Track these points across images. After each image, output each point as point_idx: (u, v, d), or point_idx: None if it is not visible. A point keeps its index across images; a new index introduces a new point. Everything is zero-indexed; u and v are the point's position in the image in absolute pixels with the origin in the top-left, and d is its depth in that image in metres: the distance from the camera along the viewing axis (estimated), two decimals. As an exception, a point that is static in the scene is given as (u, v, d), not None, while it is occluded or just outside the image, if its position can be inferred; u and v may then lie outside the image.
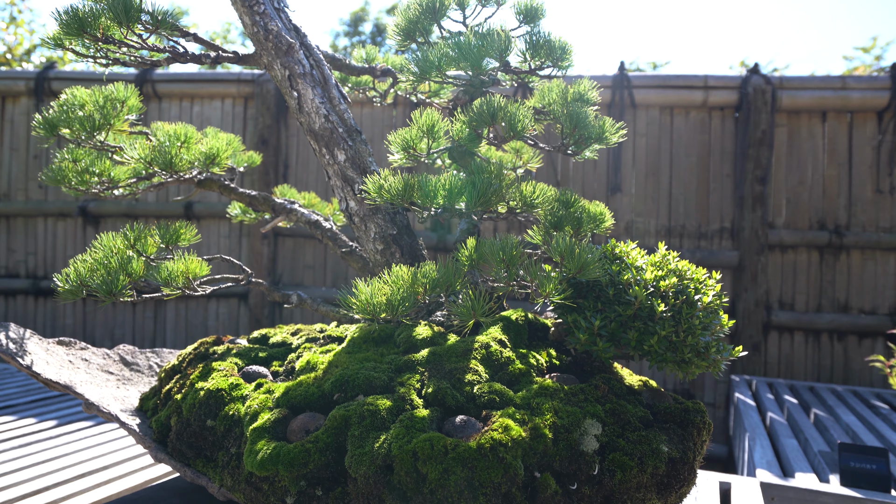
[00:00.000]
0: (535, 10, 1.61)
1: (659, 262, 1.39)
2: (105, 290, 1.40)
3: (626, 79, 4.67)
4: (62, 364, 1.70)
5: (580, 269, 1.24)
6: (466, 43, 1.41)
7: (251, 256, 5.01)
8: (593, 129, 1.52)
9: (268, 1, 1.65)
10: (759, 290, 4.51)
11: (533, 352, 1.36)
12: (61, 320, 5.30)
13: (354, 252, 1.84)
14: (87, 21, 1.34)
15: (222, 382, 1.35)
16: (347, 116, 1.66)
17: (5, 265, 5.37)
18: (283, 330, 1.76)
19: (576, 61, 1.68)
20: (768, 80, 4.52)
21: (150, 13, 1.38)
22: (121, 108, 1.76)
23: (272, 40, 1.62)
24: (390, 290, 1.21)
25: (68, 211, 5.20)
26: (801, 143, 4.60)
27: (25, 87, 5.24)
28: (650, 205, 4.72)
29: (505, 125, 1.40)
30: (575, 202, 1.54)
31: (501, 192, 1.31)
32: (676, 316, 1.28)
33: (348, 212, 1.63)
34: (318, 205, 2.33)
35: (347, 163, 1.62)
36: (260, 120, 4.95)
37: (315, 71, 1.65)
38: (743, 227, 4.54)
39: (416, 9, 1.52)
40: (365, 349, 1.38)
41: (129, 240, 1.54)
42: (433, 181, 1.30)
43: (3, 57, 10.29)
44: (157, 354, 1.95)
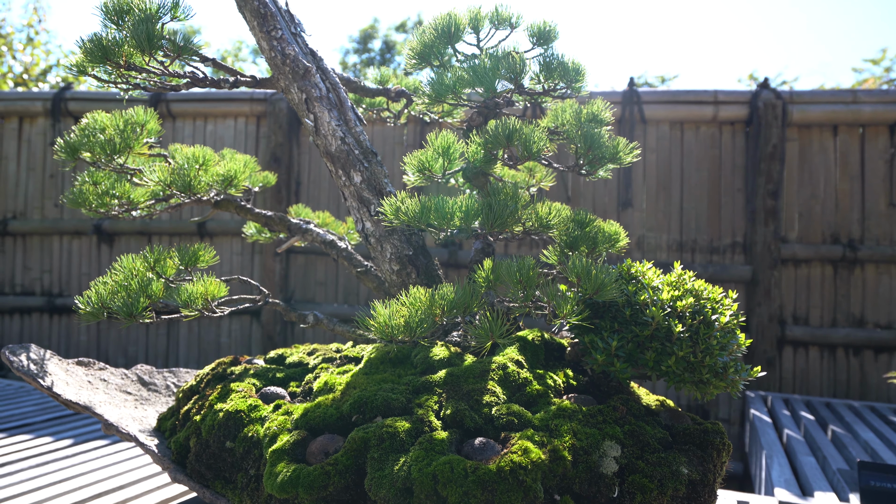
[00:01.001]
0: (548, 32, 1.63)
1: (675, 281, 1.40)
2: (126, 312, 1.42)
3: (636, 94, 4.69)
4: (81, 384, 1.72)
5: (597, 290, 1.24)
6: (481, 66, 1.43)
7: (263, 273, 5.04)
8: (607, 150, 1.54)
9: (285, 26, 1.69)
10: (773, 304, 4.48)
11: (550, 372, 1.36)
12: (75, 337, 5.35)
13: (370, 272, 1.85)
14: (110, 49, 1.37)
15: (241, 404, 1.36)
16: (363, 138, 1.68)
17: (21, 283, 5.43)
18: (299, 350, 1.77)
19: (586, 78, 1.69)
20: (778, 94, 4.52)
21: (172, 40, 1.41)
22: (140, 132, 1.79)
23: (289, 65, 1.65)
24: (408, 312, 1.22)
25: (83, 229, 5.27)
26: (812, 157, 4.58)
27: (42, 108, 5.33)
28: (661, 220, 4.72)
29: (520, 147, 1.41)
30: (590, 222, 1.54)
31: (517, 213, 1.32)
32: (694, 336, 1.28)
33: (364, 232, 1.65)
34: (333, 224, 2.35)
35: (363, 184, 1.64)
36: (272, 138, 5.01)
37: (331, 94, 1.68)
38: (755, 242, 4.52)
39: (432, 33, 1.55)
40: (382, 370, 1.39)
41: (148, 262, 1.56)
42: (450, 203, 1.31)
43: (19, 77, 10.48)
44: (174, 374, 1.97)
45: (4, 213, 5.44)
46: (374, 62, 20.45)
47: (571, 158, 1.61)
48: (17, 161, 5.46)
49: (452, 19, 1.51)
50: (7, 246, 5.45)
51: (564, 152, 4.24)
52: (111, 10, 1.48)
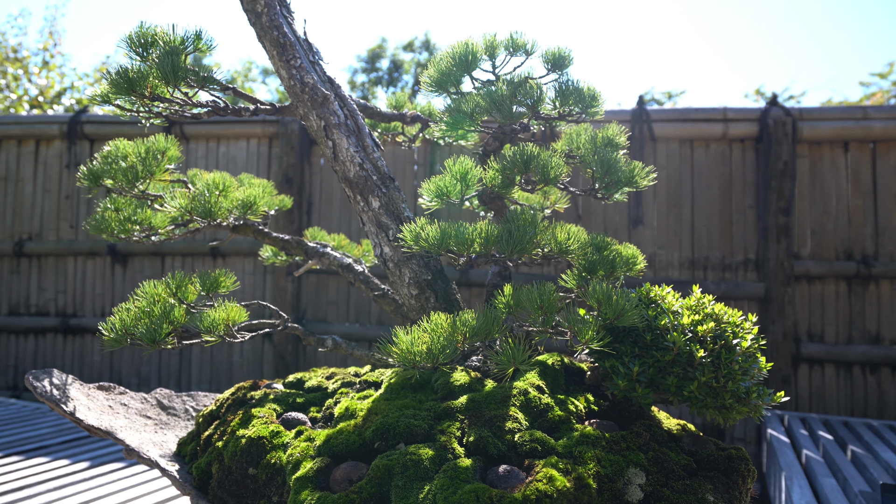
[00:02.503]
0: (562, 58, 1.66)
1: (695, 305, 1.40)
2: (149, 338, 1.44)
3: (646, 113, 4.71)
4: (102, 409, 1.73)
5: (618, 316, 1.25)
6: (499, 93, 1.45)
7: (275, 293, 5.06)
8: (623, 174, 1.55)
9: (303, 55, 1.72)
10: (787, 321, 4.44)
11: (571, 397, 1.36)
12: (89, 357, 5.37)
13: (387, 295, 1.86)
14: (136, 81, 1.40)
15: (263, 430, 1.36)
16: (381, 164, 1.70)
17: (36, 303, 5.48)
18: (317, 373, 1.78)
19: (601, 104, 1.70)
20: (788, 111, 4.53)
21: (196, 72, 1.44)
22: (161, 159, 1.82)
23: (308, 93, 1.67)
24: (430, 339, 1.23)
25: (98, 250, 5.32)
26: (823, 173, 4.58)
27: (59, 131, 5.42)
28: (672, 237, 4.71)
29: (538, 172, 1.42)
30: (607, 245, 1.55)
31: (536, 238, 1.33)
32: (716, 361, 1.28)
33: (383, 257, 1.66)
34: (348, 246, 2.37)
35: (381, 209, 1.65)
36: (284, 159, 5.06)
37: (349, 121, 1.70)
38: (768, 259, 4.50)
39: (449, 61, 1.57)
40: (403, 396, 1.39)
41: (170, 288, 1.58)
42: (469, 230, 1.32)
43: (35, 100, 10.66)
44: (193, 398, 1.98)
45: (20, 234, 5.51)
46: (382, 81, 20.64)
47: (586, 181, 1.62)
48: (33, 183, 5.54)
49: (469, 48, 1.54)
50: (23, 267, 5.51)
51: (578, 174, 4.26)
52: (136, 42, 1.52)
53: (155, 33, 1.51)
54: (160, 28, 1.52)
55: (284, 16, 1.73)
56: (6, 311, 5.51)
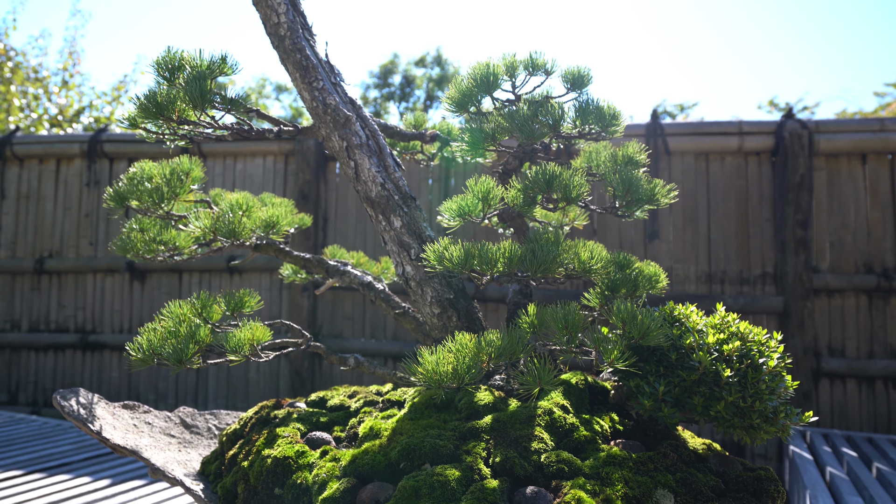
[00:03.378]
0: (582, 77, 1.67)
1: (719, 324, 1.39)
2: (175, 358, 1.46)
3: (660, 127, 4.71)
4: (128, 428, 1.75)
5: (642, 335, 1.25)
6: (520, 114, 1.46)
7: (292, 308, 5.09)
8: (644, 192, 1.55)
9: (326, 77, 1.74)
10: (807, 336, 4.39)
11: (596, 417, 1.35)
12: (107, 373, 5.42)
13: (408, 313, 1.87)
14: (164, 106, 1.43)
15: (288, 450, 1.37)
16: (402, 184, 1.72)
17: (56, 320, 5.54)
18: (339, 392, 1.79)
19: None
20: (804, 124, 4.51)
21: (223, 96, 1.47)
22: (185, 180, 1.85)
23: (330, 114, 1.70)
24: (455, 359, 1.23)
25: (116, 266, 5.38)
26: (841, 186, 4.54)
27: (79, 150, 5.51)
28: (689, 251, 4.69)
29: (560, 192, 1.43)
30: (629, 264, 1.55)
31: (560, 258, 1.34)
32: (742, 381, 1.27)
33: (405, 276, 1.67)
34: (367, 264, 2.38)
35: (403, 229, 1.67)
36: (300, 176, 5.11)
37: (371, 141, 1.72)
38: (786, 272, 4.46)
39: (470, 82, 1.59)
40: (427, 415, 1.40)
41: (196, 308, 1.60)
42: (493, 249, 1.33)
43: (54, 119, 10.85)
44: (216, 416, 1.99)
45: (41, 251, 5.59)
46: (394, 96, 20.81)
47: (604, 197, 1.63)
48: (53, 201, 5.63)
49: (490, 69, 1.56)
50: (43, 284, 5.58)
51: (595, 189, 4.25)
52: (163, 67, 1.55)
53: (182, 58, 1.55)
54: (187, 53, 1.55)
55: (306, 38, 1.76)
56: (27, 327, 5.58)
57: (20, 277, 5.62)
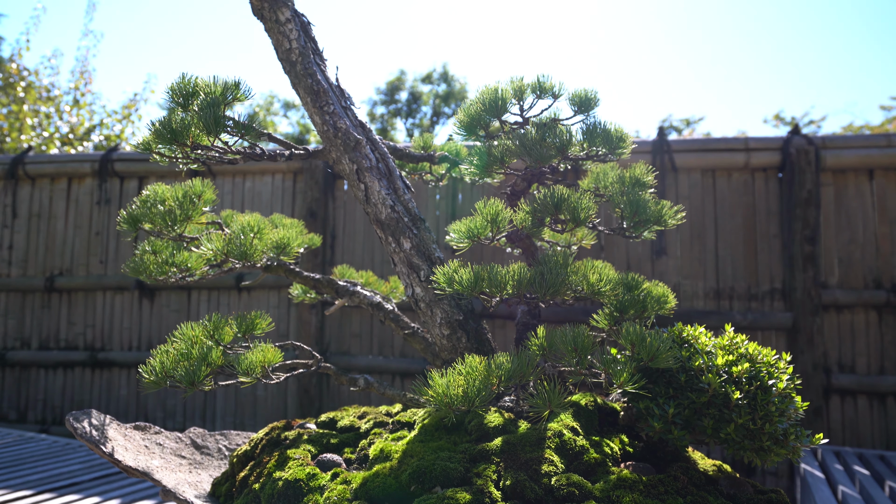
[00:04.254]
0: (589, 100, 1.69)
1: (728, 345, 1.40)
2: (188, 381, 1.47)
3: (666, 144, 4.73)
4: (139, 450, 1.76)
5: (652, 358, 1.25)
6: (529, 138, 1.48)
7: (299, 325, 5.10)
8: (652, 214, 1.56)
9: (336, 101, 1.77)
10: (817, 352, 4.37)
11: (606, 439, 1.36)
12: (116, 391, 5.44)
13: (417, 333, 1.88)
14: (179, 132, 1.46)
15: (300, 472, 1.38)
16: (411, 206, 1.74)
17: (65, 338, 5.58)
18: (349, 413, 1.79)
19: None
20: (810, 140, 4.52)
21: (237, 122, 1.50)
22: (198, 202, 1.88)
23: (341, 137, 1.72)
24: (465, 382, 1.24)
25: (126, 284, 5.42)
26: (848, 201, 4.54)
27: (90, 169, 5.58)
28: (697, 267, 4.68)
29: (568, 214, 1.45)
30: (637, 285, 1.56)
31: (569, 281, 1.35)
32: (752, 403, 1.27)
33: (414, 297, 1.69)
34: (375, 283, 2.40)
35: (413, 250, 1.68)
36: (308, 193, 5.15)
37: (381, 164, 1.75)
38: (795, 288, 4.45)
39: (479, 107, 1.61)
40: (437, 437, 1.40)
41: (208, 330, 1.62)
42: (503, 272, 1.35)
43: (65, 137, 10.99)
44: (226, 437, 2.00)
45: (52, 269, 5.64)
46: (400, 113, 20.96)
47: (612, 217, 1.64)
48: (64, 220, 5.69)
49: (499, 94, 1.58)
50: (53, 302, 5.63)
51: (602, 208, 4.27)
52: (178, 93, 1.58)
53: (196, 84, 1.58)
54: (201, 79, 1.58)
55: (317, 63, 1.79)
56: (37, 345, 5.62)
57: (31, 295, 5.67)
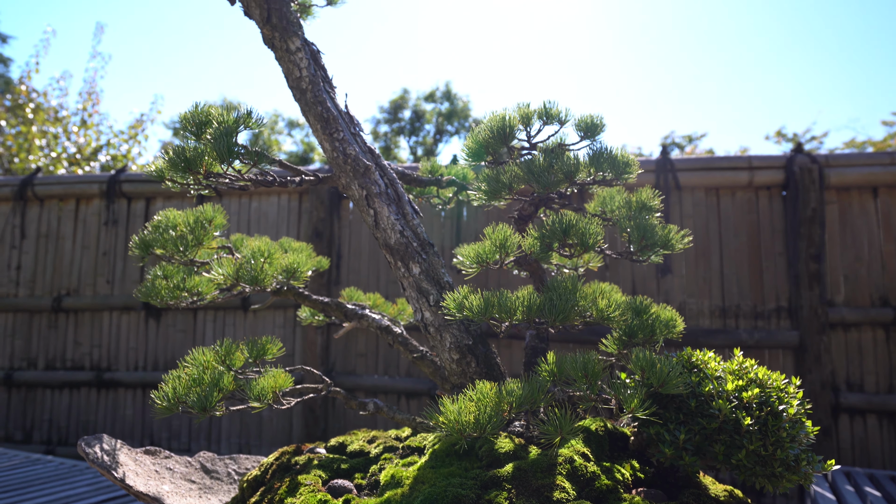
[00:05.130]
0: (595, 125, 1.71)
1: (737, 370, 1.40)
2: (200, 406, 1.48)
3: (670, 162, 4.75)
4: (149, 474, 1.77)
5: (662, 384, 1.26)
6: (536, 165, 1.51)
7: (305, 345, 5.11)
8: (660, 238, 1.58)
9: (345, 127, 1.80)
10: (824, 370, 4.35)
11: (617, 465, 1.36)
12: (122, 411, 5.43)
13: (426, 357, 1.89)
14: (192, 161, 1.48)
15: (311, 499, 1.38)
16: (420, 231, 1.76)
17: (71, 358, 5.59)
18: (358, 437, 1.80)
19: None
20: (814, 158, 4.54)
21: (249, 151, 1.53)
22: (209, 227, 1.90)
23: (350, 163, 1.75)
24: (476, 408, 1.25)
25: (132, 304, 5.44)
26: (853, 219, 4.55)
27: (98, 190, 5.63)
28: (702, 285, 4.68)
29: (577, 240, 1.46)
30: (646, 309, 1.57)
31: (578, 306, 1.36)
32: (763, 428, 1.28)
33: (424, 322, 1.70)
34: (383, 305, 2.41)
35: (422, 275, 1.70)
36: (314, 214, 5.18)
37: (390, 189, 1.77)
38: (801, 306, 4.44)
39: (487, 134, 1.64)
40: (448, 463, 1.41)
41: (219, 355, 1.63)
42: (512, 299, 1.36)
43: (73, 157, 11.08)
44: (235, 461, 2.00)
45: (59, 290, 5.67)
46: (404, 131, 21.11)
47: (619, 241, 1.65)
48: (72, 240, 5.73)
49: (507, 121, 1.60)
50: (60, 322, 5.65)
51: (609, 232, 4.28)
52: (191, 122, 1.61)
53: (209, 113, 1.61)
54: (214, 108, 1.61)
55: (327, 91, 1.82)
56: (43, 365, 5.63)
57: (38, 315, 5.69)
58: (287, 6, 1.78)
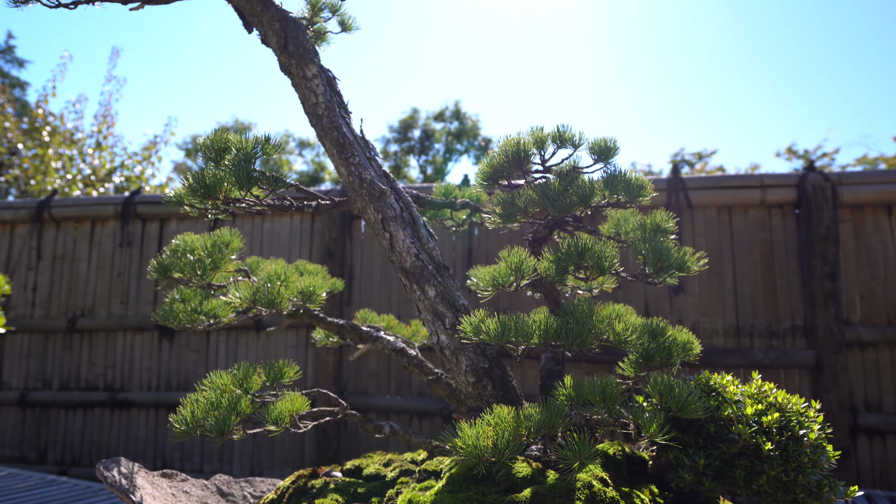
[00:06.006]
0: (608, 149, 1.72)
1: (756, 394, 1.39)
2: (218, 430, 1.49)
3: (681, 181, 4.75)
4: (166, 498, 1.77)
5: (681, 408, 1.25)
6: (551, 189, 1.52)
7: (317, 365, 5.11)
8: (675, 260, 1.58)
9: (361, 152, 1.83)
10: (842, 390, 4.29)
11: (636, 490, 1.35)
12: (135, 431, 5.45)
13: (441, 379, 1.89)
14: (212, 187, 1.51)
15: (329, 524, 1.38)
16: (435, 254, 1.77)
17: (86, 378, 5.62)
18: (374, 460, 1.80)
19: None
20: (826, 176, 4.53)
21: (268, 176, 1.55)
22: (226, 251, 1.92)
23: (366, 188, 1.77)
24: (494, 433, 1.25)
25: (146, 325, 5.48)
26: (868, 237, 4.51)
27: (113, 212, 5.70)
28: (715, 304, 4.65)
29: (592, 263, 1.47)
30: (662, 332, 1.57)
31: (595, 330, 1.36)
32: (783, 453, 1.26)
33: (439, 345, 1.70)
34: (397, 326, 2.42)
35: (437, 298, 1.71)
36: (326, 234, 5.21)
37: (405, 213, 1.79)
38: (816, 325, 4.40)
39: (502, 158, 1.65)
40: (465, 487, 1.40)
41: (237, 378, 1.64)
42: (529, 323, 1.36)
43: (87, 178, 11.24)
44: (251, 483, 2.00)
45: (74, 310, 5.72)
46: (414, 150, 21.24)
47: (632, 262, 1.66)
48: (87, 261, 5.79)
49: (521, 147, 1.62)
50: (74, 343, 5.69)
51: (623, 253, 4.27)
52: (210, 149, 1.64)
53: (228, 140, 1.64)
54: (233, 135, 1.64)
55: (343, 116, 1.85)
56: (57, 385, 5.67)
57: (53, 336, 5.74)
58: (303, 34, 1.82)
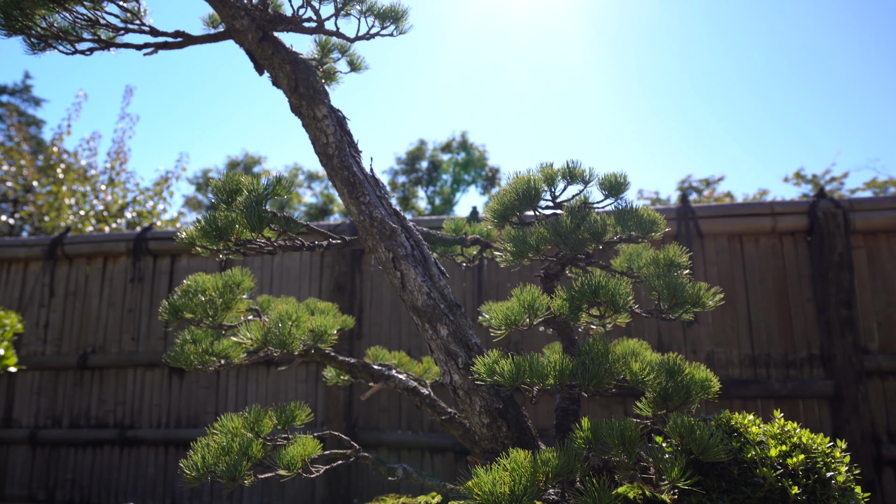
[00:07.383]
0: (619, 184, 1.72)
1: (779, 434, 1.36)
2: (229, 476, 1.46)
3: (691, 210, 4.74)
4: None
5: (702, 451, 1.22)
6: (563, 226, 1.51)
7: (328, 401, 5.06)
8: (690, 296, 1.56)
9: (371, 191, 1.83)
10: (864, 421, 4.19)
11: (658, 536, 1.31)
12: (144, 469, 5.39)
13: (454, 419, 1.86)
14: (224, 229, 1.51)
15: (342, 574, 1.34)
16: (447, 292, 1.76)
17: (96, 415, 5.59)
18: (387, 503, 1.76)
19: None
20: (837, 203, 4.50)
21: (279, 218, 1.55)
22: (237, 291, 1.92)
23: (377, 227, 1.77)
24: (511, 479, 1.22)
25: (156, 361, 5.46)
26: (882, 263, 4.46)
27: (125, 248, 5.74)
28: (730, 334, 4.59)
29: (606, 300, 1.45)
30: (680, 370, 1.54)
31: (612, 370, 1.34)
32: (811, 497, 1.22)
33: (452, 385, 1.68)
34: (408, 363, 2.40)
35: (450, 337, 1.69)
36: (336, 268, 5.22)
37: (416, 251, 1.78)
38: (834, 354, 4.32)
39: (512, 196, 1.65)
40: (482, 535, 1.36)
41: (248, 421, 1.62)
42: (544, 363, 1.34)
43: (100, 214, 11.38)
44: (262, 529, 1.96)
45: (85, 347, 5.72)
46: (421, 181, 21.38)
47: (644, 296, 1.63)
48: (99, 297, 5.81)
49: (532, 184, 1.62)
50: (85, 379, 5.68)
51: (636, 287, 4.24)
52: (222, 190, 1.65)
53: (239, 182, 1.65)
54: (244, 177, 1.65)
55: (353, 156, 1.86)
56: (67, 423, 5.64)
57: (63, 373, 5.74)
58: (314, 75, 1.84)
